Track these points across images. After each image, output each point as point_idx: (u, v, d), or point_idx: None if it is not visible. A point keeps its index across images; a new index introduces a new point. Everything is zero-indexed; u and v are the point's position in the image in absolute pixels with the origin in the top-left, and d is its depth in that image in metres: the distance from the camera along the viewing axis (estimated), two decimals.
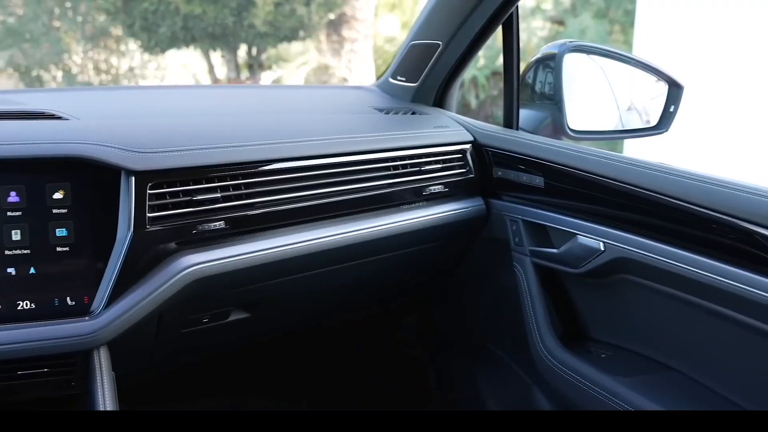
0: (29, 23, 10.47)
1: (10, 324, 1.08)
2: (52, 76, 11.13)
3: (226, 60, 11.13)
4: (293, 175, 1.33)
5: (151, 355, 1.36)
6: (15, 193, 1.09)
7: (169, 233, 1.17)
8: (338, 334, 2.12)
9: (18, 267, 1.10)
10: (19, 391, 1.18)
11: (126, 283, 1.13)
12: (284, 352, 2.04)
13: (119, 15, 9.62)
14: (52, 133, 1.13)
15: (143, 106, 1.56)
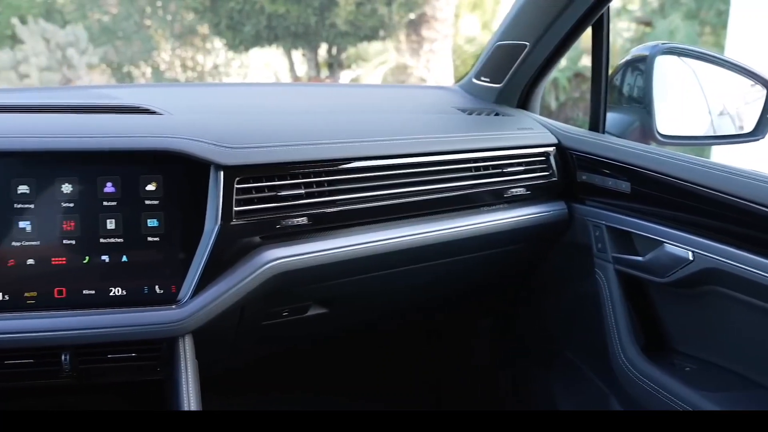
0: (122, 22, 10.93)
1: (103, 309, 1.14)
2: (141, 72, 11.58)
3: (306, 58, 11.32)
4: (375, 173, 1.34)
5: (232, 345, 1.39)
6: (111, 183, 1.14)
7: (254, 227, 1.20)
8: (411, 334, 2.12)
9: (111, 255, 1.15)
10: (108, 374, 1.23)
11: (212, 274, 1.16)
12: (357, 349, 2.06)
13: (207, 14, 9.93)
14: (146, 127, 1.18)
15: (231, 102, 1.60)
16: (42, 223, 1.12)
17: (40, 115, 1.21)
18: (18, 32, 9.68)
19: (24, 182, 1.11)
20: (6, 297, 1.12)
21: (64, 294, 1.14)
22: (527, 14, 1.57)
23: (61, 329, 1.10)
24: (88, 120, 1.20)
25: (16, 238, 1.11)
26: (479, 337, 2.07)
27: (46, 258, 1.12)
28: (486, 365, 2.04)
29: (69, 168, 1.13)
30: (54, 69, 9.59)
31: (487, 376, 2.04)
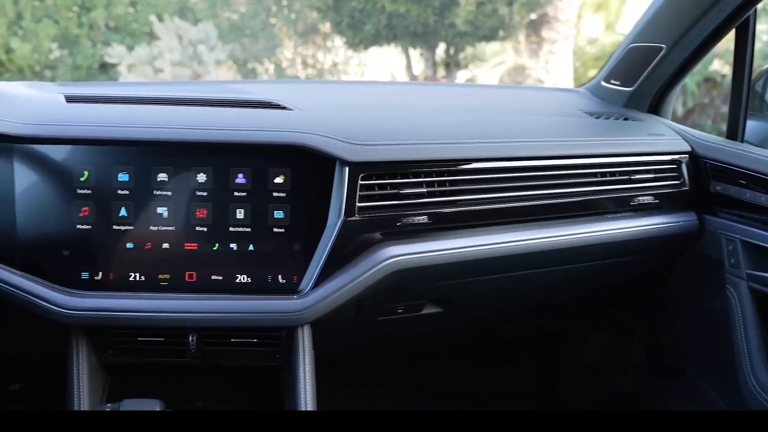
0: (249, 20, 11.36)
1: (229, 295, 1.19)
2: (264, 69, 12.00)
3: (424, 58, 11.34)
4: (498, 175, 1.32)
5: (347, 338, 1.42)
6: (242, 175, 1.19)
7: (375, 223, 1.21)
8: (520, 342, 2.08)
9: (239, 243, 1.20)
10: (230, 357, 1.29)
11: (333, 267, 1.19)
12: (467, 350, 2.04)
13: (329, 13, 10.15)
14: (277, 122, 1.22)
15: (355, 99, 1.63)
16: (177, 210, 1.18)
17: (179, 107, 1.27)
18: (155, 29, 10.27)
19: (163, 170, 1.17)
20: (142, 278, 1.19)
21: (194, 278, 1.20)
22: (665, 15, 1.50)
23: (190, 311, 1.16)
24: (224, 113, 1.25)
25: (154, 222, 1.18)
26: (592, 350, 2.00)
27: (180, 243, 1.19)
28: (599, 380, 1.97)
29: (204, 159, 1.18)
30: (185, 64, 10.10)
31: (600, 391, 1.97)
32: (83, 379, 1.19)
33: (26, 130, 1.14)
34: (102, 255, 1.18)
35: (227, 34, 11.22)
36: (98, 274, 1.18)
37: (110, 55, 10.11)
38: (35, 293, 1.12)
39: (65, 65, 10.49)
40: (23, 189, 1.15)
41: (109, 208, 1.17)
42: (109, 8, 10.68)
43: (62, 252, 1.17)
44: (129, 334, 1.20)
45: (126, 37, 10.76)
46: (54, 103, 1.26)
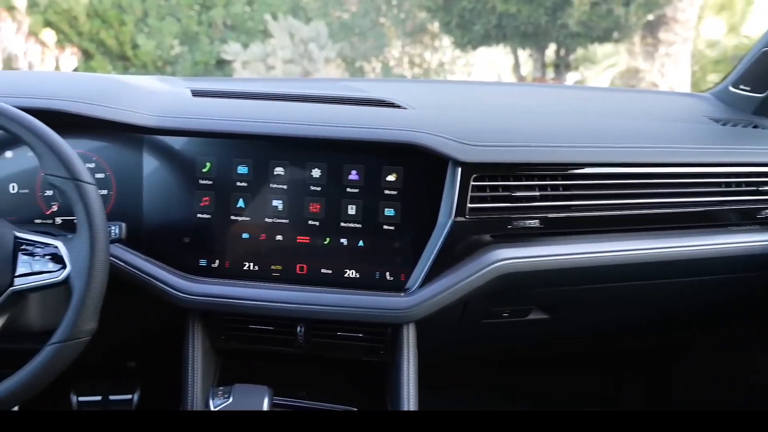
0: (359, 19, 11.53)
1: (338, 289, 1.21)
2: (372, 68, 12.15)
3: (533, 59, 11.14)
4: (614, 181, 1.28)
5: (451, 338, 1.41)
6: (356, 172, 1.20)
7: (486, 225, 1.20)
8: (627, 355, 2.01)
9: (350, 239, 1.22)
10: (336, 350, 1.31)
11: (441, 267, 1.18)
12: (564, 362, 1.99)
13: (439, 12, 10.15)
14: (392, 120, 1.23)
15: (467, 99, 1.62)
16: (292, 203, 1.21)
17: (297, 104, 1.31)
18: (269, 28, 10.62)
19: (280, 164, 1.21)
20: (255, 267, 1.23)
21: (305, 270, 1.23)
22: None
23: (299, 303, 1.19)
24: (341, 110, 1.28)
25: (269, 214, 1.22)
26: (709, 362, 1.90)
27: (293, 236, 1.22)
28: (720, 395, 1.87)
29: (320, 154, 1.21)
30: (296, 62, 10.39)
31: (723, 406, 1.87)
32: (197, 361, 1.25)
33: (156, 122, 1.20)
34: (219, 244, 1.23)
35: (337, 32, 11.43)
36: (215, 262, 1.23)
37: (226, 52, 10.52)
38: (158, 277, 1.18)
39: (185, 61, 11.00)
40: (150, 178, 1.22)
41: (227, 199, 1.21)
42: (228, 7, 11.11)
43: (183, 239, 1.22)
44: (241, 321, 1.25)
45: (241, 35, 11.17)
46: (181, 97, 1.32)
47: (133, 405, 1.79)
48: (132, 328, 1.41)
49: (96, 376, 1.81)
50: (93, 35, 10.69)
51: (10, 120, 0.98)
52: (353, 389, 1.41)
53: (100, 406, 1.78)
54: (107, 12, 10.62)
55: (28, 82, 1.27)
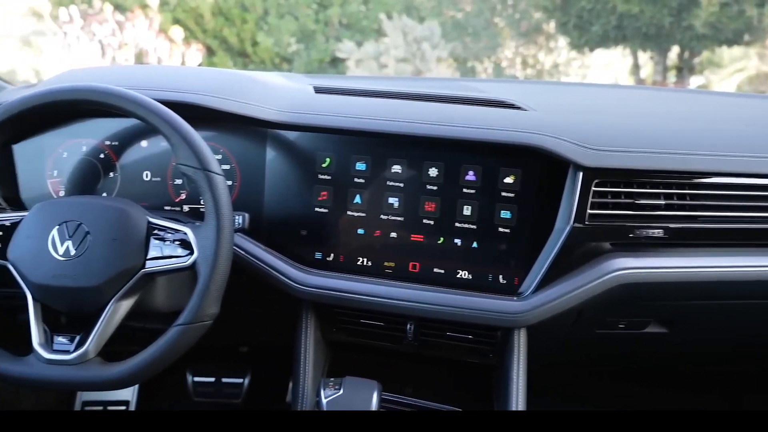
0: (473, 19, 11.46)
1: (449, 289, 1.20)
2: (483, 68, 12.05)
3: (654, 61, 10.70)
4: (745, 192, 1.21)
5: (561, 346, 1.38)
6: (473, 172, 1.20)
7: (605, 232, 1.16)
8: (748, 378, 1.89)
9: (463, 239, 1.21)
10: (444, 350, 1.31)
11: (556, 273, 1.16)
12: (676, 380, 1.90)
13: (556, 13, 9.93)
14: (512, 122, 1.21)
15: (586, 102, 1.57)
16: (407, 201, 1.22)
17: (417, 102, 1.31)
18: (383, 26, 10.73)
19: (397, 162, 1.22)
20: (369, 263, 1.24)
21: (417, 269, 1.23)
22: None
23: (411, 300, 1.19)
24: (460, 110, 1.27)
25: (384, 211, 1.23)
26: None
27: (407, 234, 1.23)
28: None
29: (437, 153, 1.21)
30: (408, 61, 10.45)
31: None
32: (309, 351, 1.28)
33: (280, 117, 1.24)
34: (335, 238, 1.25)
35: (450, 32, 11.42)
36: (330, 255, 1.26)
37: (341, 50, 10.73)
38: (276, 267, 1.22)
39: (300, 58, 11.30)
40: (271, 171, 1.26)
41: (345, 195, 1.24)
42: (344, 6, 11.32)
43: (300, 232, 1.26)
44: (352, 315, 1.27)
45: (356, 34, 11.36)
46: (304, 93, 1.36)
47: (244, 388, 1.87)
48: (247, 314, 1.46)
49: (210, 358, 1.90)
50: (217, 32, 11.17)
51: (149, 111, 1.04)
52: (458, 389, 1.40)
53: (213, 387, 1.87)
54: (231, 10, 11.07)
55: (165, 77, 1.34)
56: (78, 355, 1.01)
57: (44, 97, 1.05)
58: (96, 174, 1.29)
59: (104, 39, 8.31)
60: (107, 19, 8.34)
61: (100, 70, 1.53)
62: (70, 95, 1.05)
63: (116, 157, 1.28)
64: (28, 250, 1.04)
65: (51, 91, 1.05)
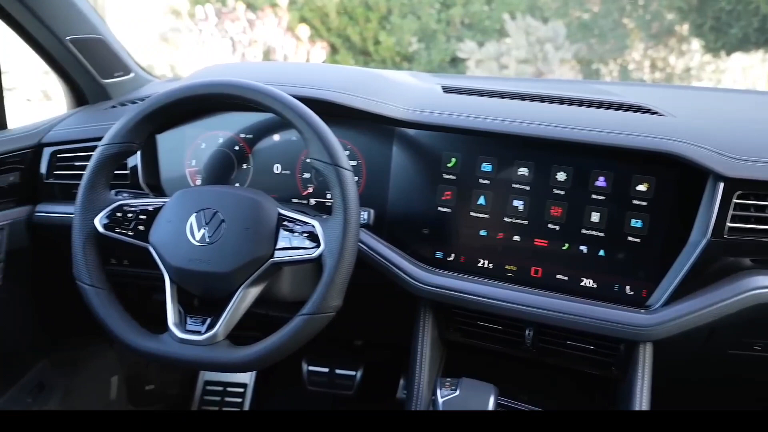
0: (601, 19, 11.09)
1: (572, 296, 1.17)
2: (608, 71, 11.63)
3: None
4: None
5: (689, 364, 1.31)
6: (603, 178, 1.16)
7: (746, 247, 1.09)
8: None
9: (590, 247, 1.18)
10: (563, 358, 1.27)
11: (689, 287, 1.10)
12: None
13: (691, 14, 9.44)
14: (648, 127, 1.16)
15: (727, 108, 1.48)
16: (533, 205, 1.20)
17: (545, 104, 1.29)
18: (506, 27, 10.59)
19: (524, 165, 1.20)
20: (489, 265, 1.23)
21: (539, 274, 1.21)
22: None
23: (532, 306, 1.17)
24: (592, 113, 1.23)
25: (508, 214, 1.21)
26: None
27: (530, 238, 1.21)
28: None
29: (566, 158, 1.18)
30: (530, 62, 10.26)
31: None
32: (426, 349, 1.28)
33: (409, 116, 1.25)
34: (456, 238, 1.25)
35: (575, 33, 11.11)
36: (451, 255, 1.26)
37: (462, 50, 10.68)
38: (397, 264, 1.23)
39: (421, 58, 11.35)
40: (397, 168, 1.27)
41: (469, 195, 1.23)
42: (467, 6, 11.27)
43: (423, 230, 1.26)
44: (470, 317, 1.26)
45: (477, 34, 11.27)
46: (432, 92, 1.36)
47: (356, 381, 1.90)
48: (365, 309, 1.49)
49: (326, 349, 1.94)
50: (340, 31, 11.41)
51: (285, 107, 1.07)
52: (577, 400, 1.36)
53: (327, 377, 1.91)
54: (355, 9, 11.28)
55: (300, 73, 1.38)
56: (208, 336, 1.06)
57: (190, 90, 1.11)
58: (230, 165, 1.35)
59: (235, 36, 8.69)
60: (239, 17, 8.71)
61: (237, 66, 1.61)
62: (214, 89, 1.10)
63: (250, 150, 1.34)
64: (168, 234, 1.10)
65: (196, 85, 1.11)
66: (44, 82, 5.46)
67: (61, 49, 1.47)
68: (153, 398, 2.01)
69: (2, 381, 1.55)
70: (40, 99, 5.75)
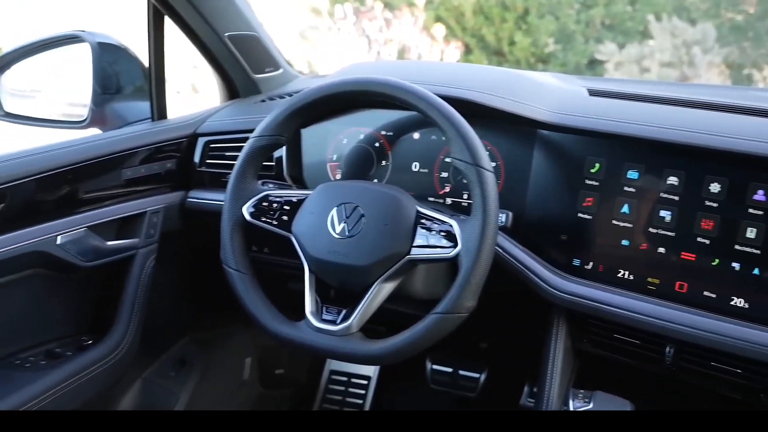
0: (756, 22, 10.38)
1: (719, 315, 1.10)
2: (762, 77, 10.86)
3: None
4: None
5: None
6: (763, 192, 1.08)
7: None
8: None
9: (743, 264, 1.10)
10: (706, 380, 1.21)
11: None
12: None
13: None
14: None
15: None
16: (681, 216, 1.14)
17: (699, 111, 1.22)
18: (650, 28, 10.14)
19: (674, 174, 1.14)
20: (630, 276, 1.18)
21: (684, 289, 1.15)
22: None
23: (675, 322, 1.12)
24: (754, 123, 1.16)
25: (654, 225, 1.16)
26: None
27: (677, 251, 1.15)
28: None
29: (721, 168, 1.11)
30: (674, 65, 9.77)
31: None
32: (558, 358, 1.25)
33: (552, 118, 1.22)
34: (596, 246, 1.21)
35: (726, 35, 10.46)
36: (589, 264, 1.22)
37: (601, 52, 10.33)
38: (532, 269, 1.21)
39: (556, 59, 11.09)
40: (537, 172, 1.25)
41: (612, 203, 1.19)
42: (609, 6, 10.89)
43: (560, 236, 1.23)
44: (606, 328, 1.22)
45: (618, 35, 10.87)
46: (578, 95, 1.33)
47: (479, 384, 1.89)
48: (495, 312, 1.47)
49: (451, 349, 1.94)
50: (475, 31, 11.36)
51: (430, 106, 1.08)
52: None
53: (450, 377, 1.91)
54: (491, 9, 11.18)
55: (442, 73, 1.39)
56: (343, 327, 1.08)
57: (339, 87, 1.14)
58: (370, 161, 1.38)
59: (372, 35, 8.86)
60: (376, 16, 8.88)
61: (381, 65, 1.64)
62: (363, 87, 1.13)
63: (390, 147, 1.36)
64: (310, 225, 1.13)
65: (345, 81, 1.14)
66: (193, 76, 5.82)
67: (219, 44, 1.56)
68: (282, 382, 2.09)
69: (148, 354, 1.67)
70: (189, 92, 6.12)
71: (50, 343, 1.36)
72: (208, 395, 1.82)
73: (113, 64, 1.51)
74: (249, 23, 1.61)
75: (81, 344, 1.38)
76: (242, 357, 1.97)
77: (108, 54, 1.50)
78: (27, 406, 1.20)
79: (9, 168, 1.18)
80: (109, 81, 1.51)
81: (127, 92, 1.55)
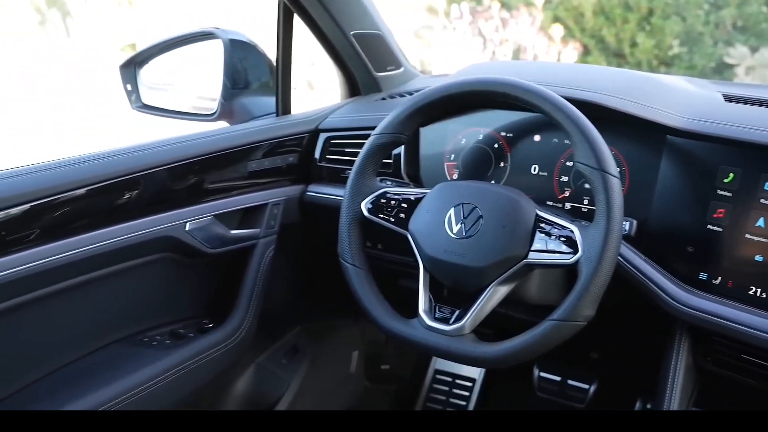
0: None
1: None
2: None
3: None
4: None
5: None
6: None
7: None
8: None
9: None
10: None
11: None
12: None
13: None
14: None
15: None
16: None
17: None
18: None
19: None
20: (764, 295, 1.12)
21: None
22: None
23: None
24: None
25: None
26: None
27: None
28: None
29: None
30: None
31: None
32: (679, 376, 1.20)
33: (683, 124, 1.17)
34: (726, 260, 1.14)
35: None
36: (717, 278, 1.16)
37: (730, 55, 9.77)
38: (655, 281, 1.16)
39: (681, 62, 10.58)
40: (664, 179, 1.20)
41: (746, 215, 1.12)
42: (741, 7, 10.27)
43: (686, 248, 1.18)
44: (733, 347, 1.15)
45: (751, 38, 10.23)
46: (713, 101, 1.26)
47: (588, 395, 1.84)
48: (610, 322, 1.43)
49: (559, 357, 1.90)
50: (595, 31, 11.01)
51: (555, 108, 1.06)
52: None
53: (558, 386, 1.87)
54: (613, 10, 10.81)
55: (567, 74, 1.36)
56: (455, 327, 1.08)
57: (463, 86, 1.14)
58: (488, 162, 1.36)
59: (487, 35, 8.78)
60: (493, 16, 8.79)
61: (502, 65, 1.62)
62: (486, 87, 1.12)
63: (509, 148, 1.34)
64: (427, 224, 1.14)
65: (469, 81, 1.14)
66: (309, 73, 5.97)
67: (344, 42, 1.60)
68: (387, 378, 2.11)
69: (264, 340, 1.73)
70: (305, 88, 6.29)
71: (175, 324, 1.44)
72: (315, 384, 1.87)
73: (243, 60, 1.58)
74: (374, 22, 1.64)
75: (202, 327, 1.45)
76: (350, 350, 2.01)
77: (239, 50, 1.56)
78: (152, 383, 1.27)
79: (143, 158, 1.26)
80: (239, 76, 1.57)
81: (254, 87, 1.61)
